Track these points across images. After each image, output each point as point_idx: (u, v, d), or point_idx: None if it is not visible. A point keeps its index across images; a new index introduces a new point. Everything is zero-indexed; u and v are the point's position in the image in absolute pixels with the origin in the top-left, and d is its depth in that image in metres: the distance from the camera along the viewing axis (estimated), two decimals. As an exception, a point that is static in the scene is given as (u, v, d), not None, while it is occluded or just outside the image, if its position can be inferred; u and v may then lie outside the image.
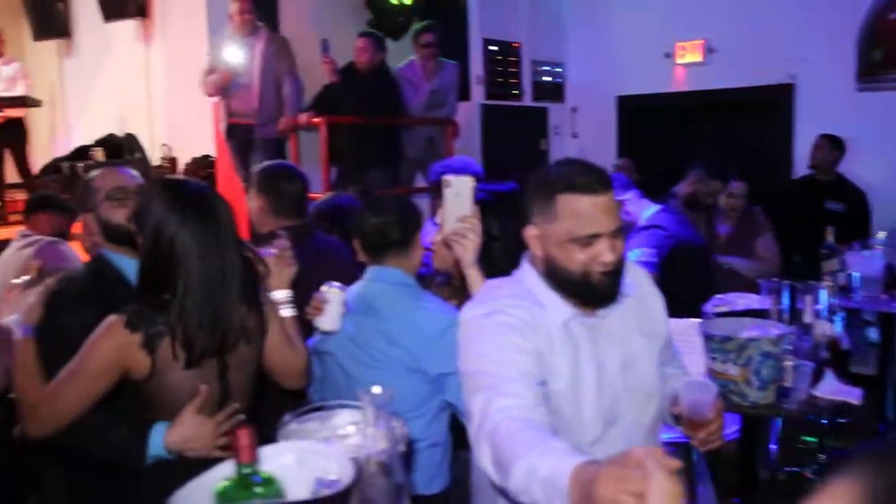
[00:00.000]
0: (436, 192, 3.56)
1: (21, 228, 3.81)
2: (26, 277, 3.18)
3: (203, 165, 6.30)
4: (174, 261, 1.74)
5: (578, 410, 1.63)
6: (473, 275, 1.97)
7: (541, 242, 1.65)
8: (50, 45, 8.77)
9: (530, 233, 1.67)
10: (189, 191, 1.84)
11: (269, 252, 2.08)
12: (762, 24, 6.21)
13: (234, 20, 5.25)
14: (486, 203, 2.04)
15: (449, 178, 1.99)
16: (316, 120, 5.22)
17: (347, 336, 2.21)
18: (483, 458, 1.41)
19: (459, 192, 1.97)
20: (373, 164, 5.33)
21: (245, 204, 5.44)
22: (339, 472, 1.41)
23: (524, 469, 1.25)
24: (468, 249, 1.97)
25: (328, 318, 2.18)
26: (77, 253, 3.45)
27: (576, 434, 1.60)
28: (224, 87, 5.24)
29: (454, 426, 2.21)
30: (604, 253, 1.58)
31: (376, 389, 1.45)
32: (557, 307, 1.65)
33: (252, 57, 5.20)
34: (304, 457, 1.48)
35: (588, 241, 1.58)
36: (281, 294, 2.08)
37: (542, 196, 1.62)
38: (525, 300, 1.64)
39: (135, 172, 2.38)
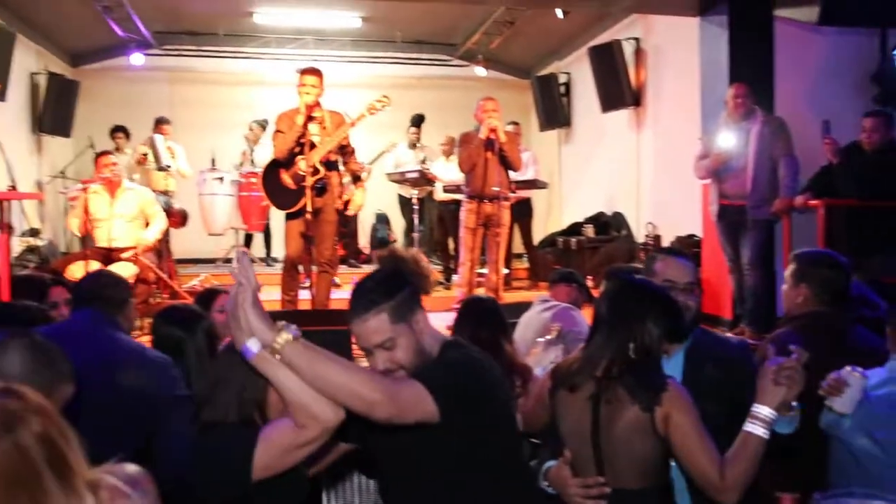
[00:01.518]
0: None
1: (541, 294, 4.40)
2: (549, 337, 3.68)
3: (688, 244, 6.53)
4: None
5: None
6: None
7: None
8: (552, 135, 10.02)
9: None
10: None
11: (776, 361, 1.98)
12: None
13: (729, 105, 5.38)
14: None
15: None
16: (813, 202, 5.05)
17: (866, 430, 2.12)
18: None
19: None
20: (874, 250, 4.93)
21: (727, 282, 5.52)
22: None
23: None
24: None
25: (844, 401, 2.14)
26: (587, 320, 3.89)
27: None
28: (717, 170, 5.39)
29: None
30: None
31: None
32: None
33: (747, 140, 5.26)
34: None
35: None
36: (763, 411, 1.93)
37: None
38: None
39: (689, 263, 2.44)
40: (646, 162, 7.83)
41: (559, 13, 7.24)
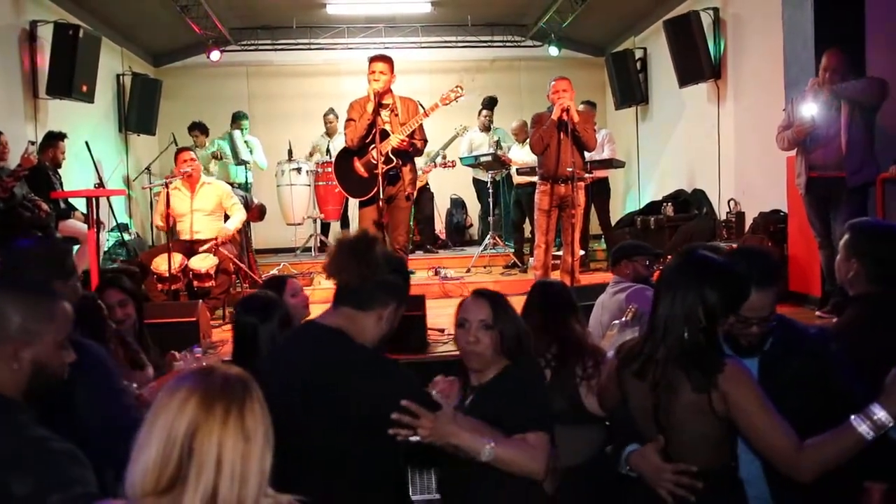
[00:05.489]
0: None
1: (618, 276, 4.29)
2: (624, 319, 3.57)
3: (772, 220, 6.27)
4: None
5: None
6: None
7: None
8: (628, 113, 9.78)
9: None
10: None
11: None
12: None
13: (823, 75, 5.05)
14: None
15: None
16: (908, 171, 4.77)
17: None
18: None
19: None
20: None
21: (815, 258, 5.27)
22: None
23: None
24: None
25: None
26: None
27: None
28: (801, 140, 5.13)
29: None
30: None
31: None
32: None
33: (838, 106, 4.97)
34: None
35: None
36: (878, 413, 1.78)
37: None
38: None
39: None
40: (727, 136, 7.55)
41: (632, -13, 7.04)
